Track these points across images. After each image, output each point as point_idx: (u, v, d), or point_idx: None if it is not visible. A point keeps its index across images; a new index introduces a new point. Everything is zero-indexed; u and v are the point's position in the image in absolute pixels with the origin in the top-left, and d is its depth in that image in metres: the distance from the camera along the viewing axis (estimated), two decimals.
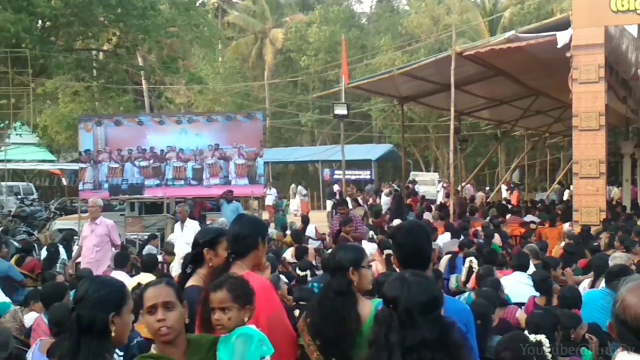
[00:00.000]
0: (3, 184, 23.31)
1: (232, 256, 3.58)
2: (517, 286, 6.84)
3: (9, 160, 22.63)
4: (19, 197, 27.29)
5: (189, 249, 7.07)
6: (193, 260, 3.97)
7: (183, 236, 11.37)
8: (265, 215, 20.99)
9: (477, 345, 3.24)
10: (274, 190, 25.49)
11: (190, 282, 3.83)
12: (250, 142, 19.42)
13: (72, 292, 6.64)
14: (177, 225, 12.20)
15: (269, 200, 22.72)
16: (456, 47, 16.02)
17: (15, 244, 13.80)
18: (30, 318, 6.58)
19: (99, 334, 2.51)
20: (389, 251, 9.05)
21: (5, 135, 21.17)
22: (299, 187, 26.88)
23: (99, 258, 9.70)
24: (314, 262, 9.61)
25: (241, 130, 19.56)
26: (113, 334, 2.57)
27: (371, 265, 3.69)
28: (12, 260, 10.83)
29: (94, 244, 9.82)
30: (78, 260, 10.32)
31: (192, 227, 11.40)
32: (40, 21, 21.28)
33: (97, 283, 2.66)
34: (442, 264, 8.89)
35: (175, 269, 9.28)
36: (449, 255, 9.05)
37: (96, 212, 10.07)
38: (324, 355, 3.30)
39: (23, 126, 25.05)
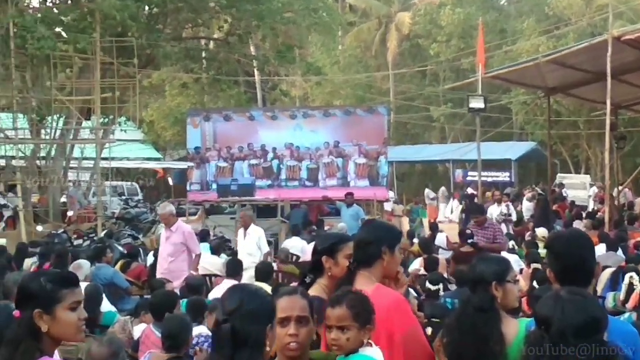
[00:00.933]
0: (107, 183, 23.68)
1: (353, 265, 3.64)
2: None
3: (112, 158, 22.82)
4: (123, 197, 27.90)
5: (252, 260, 7.53)
6: (312, 269, 4.03)
7: (245, 245, 11.47)
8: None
9: None
10: (390, 194, 25.46)
11: (311, 293, 3.86)
12: (372, 139, 19.73)
13: (182, 302, 6.86)
14: (240, 232, 12.17)
15: (388, 206, 22.80)
16: (613, 30, 15.82)
17: (120, 248, 14.13)
18: (139, 329, 6.74)
19: (254, 348, 2.60)
20: (537, 265, 9.03)
21: (109, 130, 21.90)
22: (427, 191, 26.88)
23: (173, 269, 9.66)
24: (445, 275, 9.56)
25: (362, 126, 19.92)
26: (267, 348, 2.68)
27: (517, 280, 3.60)
28: (117, 266, 11.09)
29: (168, 253, 9.83)
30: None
31: (255, 235, 11.47)
32: (147, 8, 22.14)
33: (250, 294, 2.75)
34: (602, 280, 8.73)
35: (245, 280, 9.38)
36: (611, 270, 8.88)
37: (168, 219, 10.02)
38: None
39: (128, 121, 25.84)
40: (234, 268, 8.92)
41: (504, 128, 33.60)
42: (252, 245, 11.45)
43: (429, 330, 5.47)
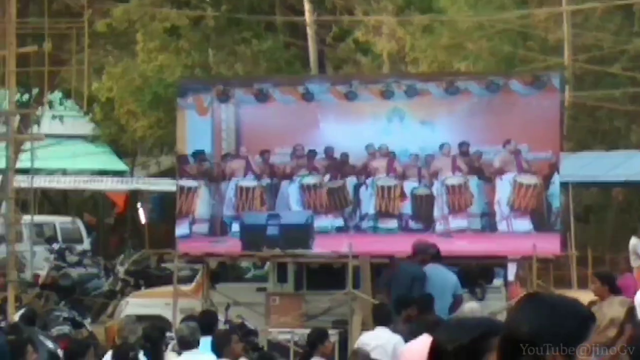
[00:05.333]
0: (25, 218, 24.78)
1: None
2: None
3: (37, 171, 24.00)
4: (56, 246, 28.80)
5: None
6: None
7: None
8: None
9: None
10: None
11: None
12: (538, 140, 20.46)
13: None
14: None
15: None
16: None
17: (50, 344, 14.62)
18: None
19: None
20: None
21: (32, 117, 22.40)
22: (633, 241, 26.29)
23: None
24: None
25: (520, 114, 20.71)
26: None
27: None
28: None
29: None
30: None
31: None
32: None
33: None
34: None
35: None
36: None
37: None
38: None
39: (66, 101, 27.29)
40: None
41: None
42: None
43: None
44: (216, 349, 12.71)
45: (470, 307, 15.44)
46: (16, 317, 16.69)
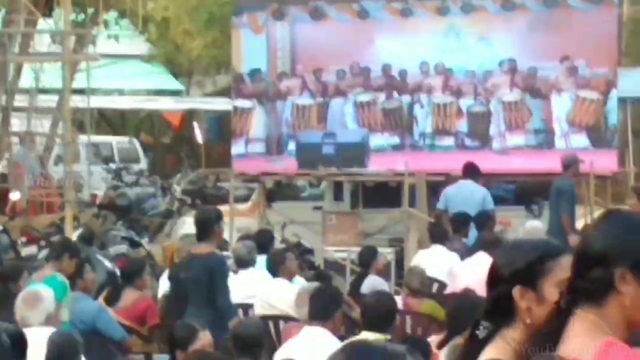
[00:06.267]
0: (82, 139, 25.08)
1: (568, 299, 3.42)
2: None
3: (93, 91, 24.35)
4: (113, 166, 29.62)
5: None
6: (491, 310, 3.88)
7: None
8: None
9: None
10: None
11: (488, 356, 3.84)
12: (596, 55, 20.35)
13: None
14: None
15: None
16: None
17: (108, 264, 14.91)
18: None
19: None
20: None
21: (87, 37, 22.98)
22: None
23: None
24: None
25: (578, 29, 20.44)
26: None
27: None
28: (101, 298, 11.86)
29: None
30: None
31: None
32: None
33: None
34: None
35: None
36: None
37: None
38: None
39: (121, 20, 27.58)
40: (324, 307, 9.10)
41: None
42: None
43: None
44: (272, 267, 12.81)
45: (532, 225, 15.56)
46: (74, 236, 16.81)
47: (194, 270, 11.33)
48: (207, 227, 11.06)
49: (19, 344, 5.53)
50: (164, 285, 13.13)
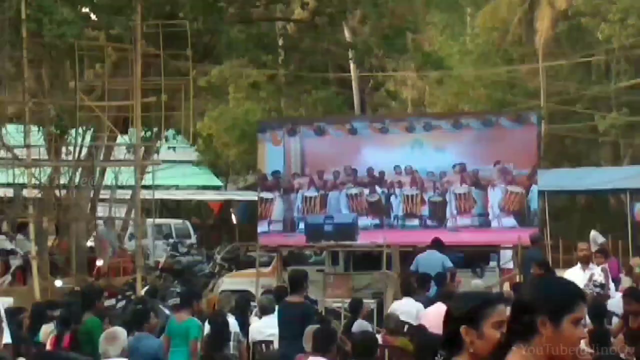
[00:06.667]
0: (149, 221, 25.21)
1: (507, 337, 3.69)
2: None
3: (157, 187, 24.50)
4: (171, 241, 29.76)
5: None
6: (446, 343, 4.17)
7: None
8: None
9: None
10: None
11: None
12: (521, 160, 20.01)
13: None
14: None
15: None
16: None
17: (167, 311, 14.73)
18: None
19: None
20: None
21: (152, 149, 23.29)
22: (593, 234, 26.05)
23: None
24: None
25: (507, 142, 20.23)
26: None
27: None
28: (163, 338, 11.69)
29: None
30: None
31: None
32: None
33: None
34: None
35: None
36: None
37: None
38: None
39: (178, 136, 27.66)
40: (324, 342, 9.11)
41: None
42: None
43: None
44: None
45: (475, 283, 15.77)
46: (142, 292, 16.97)
47: (287, 315, 11.25)
48: (298, 283, 10.98)
49: None
50: (206, 328, 12.66)
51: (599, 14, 37.05)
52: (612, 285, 15.74)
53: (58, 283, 19.90)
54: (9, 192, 23.98)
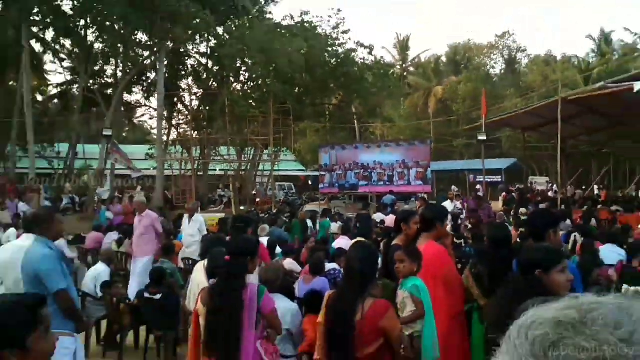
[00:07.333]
0: (277, 184, 30.68)
1: (420, 229, 4.60)
2: (609, 254, 8.10)
3: (279, 170, 29.69)
4: (285, 191, 36.43)
5: (193, 239, 10.54)
6: (395, 229, 5.15)
7: (188, 228, 11.20)
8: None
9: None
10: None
11: (395, 242, 4.95)
12: (423, 158, 25.75)
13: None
14: (185, 218, 11.67)
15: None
16: (562, 94, 19.21)
17: (284, 218, 16.49)
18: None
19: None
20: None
21: (278, 155, 28.05)
22: (453, 187, 33.05)
23: (142, 244, 10.29)
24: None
25: (417, 151, 26.18)
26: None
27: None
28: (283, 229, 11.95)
29: (140, 232, 10.26)
30: None
31: (197, 222, 11.10)
32: (297, 89, 28.32)
33: (366, 248, 3.80)
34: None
35: (180, 255, 10.31)
36: (562, 233, 9.70)
37: (140, 207, 10.37)
38: (482, 291, 4.22)
39: (287, 150, 33.51)
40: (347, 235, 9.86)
41: (497, 150, 43.31)
42: (193, 229, 11.41)
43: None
44: (330, 220, 14.51)
45: (408, 207, 17.00)
46: (274, 211, 19.99)
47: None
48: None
49: None
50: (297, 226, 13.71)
51: (455, 100, 50.25)
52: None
53: (242, 208, 23.65)
54: (221, 173, 30.29)
